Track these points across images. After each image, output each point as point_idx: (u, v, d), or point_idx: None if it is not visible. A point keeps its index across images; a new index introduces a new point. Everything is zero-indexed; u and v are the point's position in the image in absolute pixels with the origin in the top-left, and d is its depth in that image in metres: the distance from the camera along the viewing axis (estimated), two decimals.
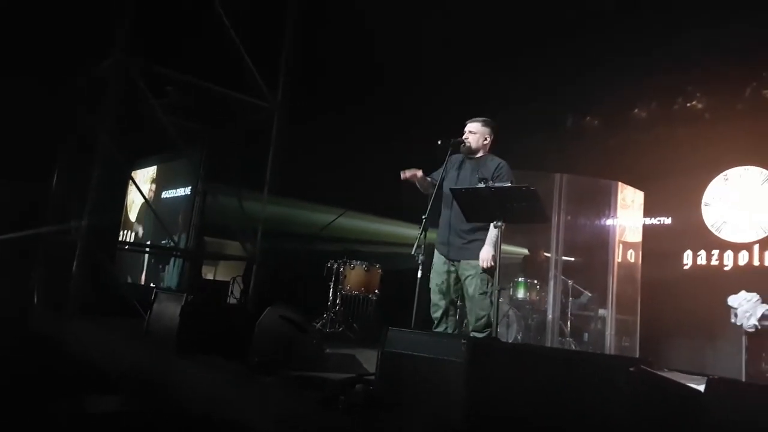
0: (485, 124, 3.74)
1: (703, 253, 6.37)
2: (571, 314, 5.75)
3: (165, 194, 8.24)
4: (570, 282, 5.77)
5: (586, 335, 5.92)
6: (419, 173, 3.63)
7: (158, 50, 5.73)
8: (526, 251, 6.23)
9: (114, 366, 4.01)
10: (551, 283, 5.65)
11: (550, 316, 5.63)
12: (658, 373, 1.88)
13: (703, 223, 6.41)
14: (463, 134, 3.74)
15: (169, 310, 3.78)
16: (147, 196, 7.78)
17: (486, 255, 3.42)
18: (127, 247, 8.27)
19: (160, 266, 7.73)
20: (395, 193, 4.16)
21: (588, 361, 2.19)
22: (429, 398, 2.31)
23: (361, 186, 7.08)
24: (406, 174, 3.61)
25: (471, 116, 3.80)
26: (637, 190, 6.14)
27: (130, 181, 7.24)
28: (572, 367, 2.08)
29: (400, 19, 6.19)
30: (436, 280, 3.65)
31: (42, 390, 3.23)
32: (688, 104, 6.45)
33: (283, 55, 6.20)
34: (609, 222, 5.91)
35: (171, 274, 7.42)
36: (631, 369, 1.74)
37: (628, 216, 6.09)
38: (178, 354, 3.43)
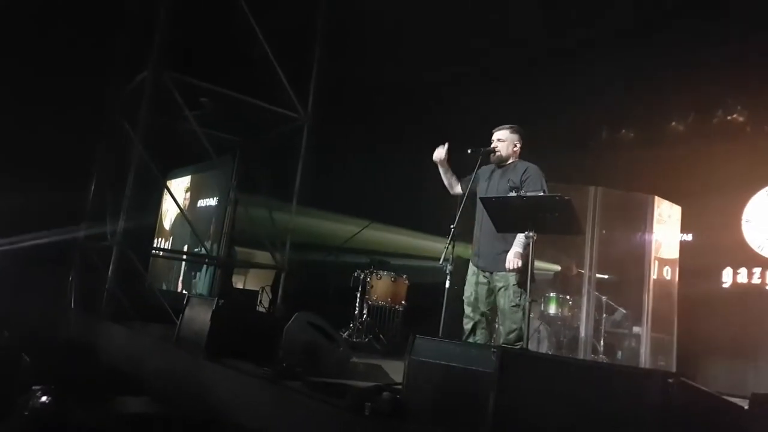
0: (513, 130, 3.67)
1: (743, 270, 6.13)
2: (604, 331, 5.58)
3: (200, 203, 8.40)
4: (604, 298, 5.60)
5: (619, 353, 5.73)
6: (443, 152, 3.65)
7: (193, 63, 5.89)
8: (557, 267, 6.09)
9: (143, 369, 4.07)
10: (584, 299, 5.50)
11: (582, 333, 5.48)
12: (700, 387, 1.80)
13: (744, 240, 6.18)
14: (491, 144, 3.69)
15: (200, 314, 3.82)
16: (182, 205, 7.93)
17: (513, 256, 3.30)
18: (161, 253, 8.43)
19: (193, 273, 7.85)
20: (420, 200, 4.14)
21: (622, 373, 2.11)
22: (456, 407, 2.26)
23: (388, 198, 7.08)
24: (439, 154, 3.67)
25: None
26: (674, 205, 5.96)
27: (166, 189, 7.40)
28: (605, 378, 2.01)
29: (426, 33, 6.22)
30: (467, 291, 3.59)
31: (74, 392, 3.28)
32: (728, 117, 6.27)
33: (313, 67, 6.29)
34: (645, 237, 5.74)
35: (202, 282, 7.52)
36: (670, 380, 1.67)
37: (665, 231, 5.91)
38: (208, 358, 3.45)
